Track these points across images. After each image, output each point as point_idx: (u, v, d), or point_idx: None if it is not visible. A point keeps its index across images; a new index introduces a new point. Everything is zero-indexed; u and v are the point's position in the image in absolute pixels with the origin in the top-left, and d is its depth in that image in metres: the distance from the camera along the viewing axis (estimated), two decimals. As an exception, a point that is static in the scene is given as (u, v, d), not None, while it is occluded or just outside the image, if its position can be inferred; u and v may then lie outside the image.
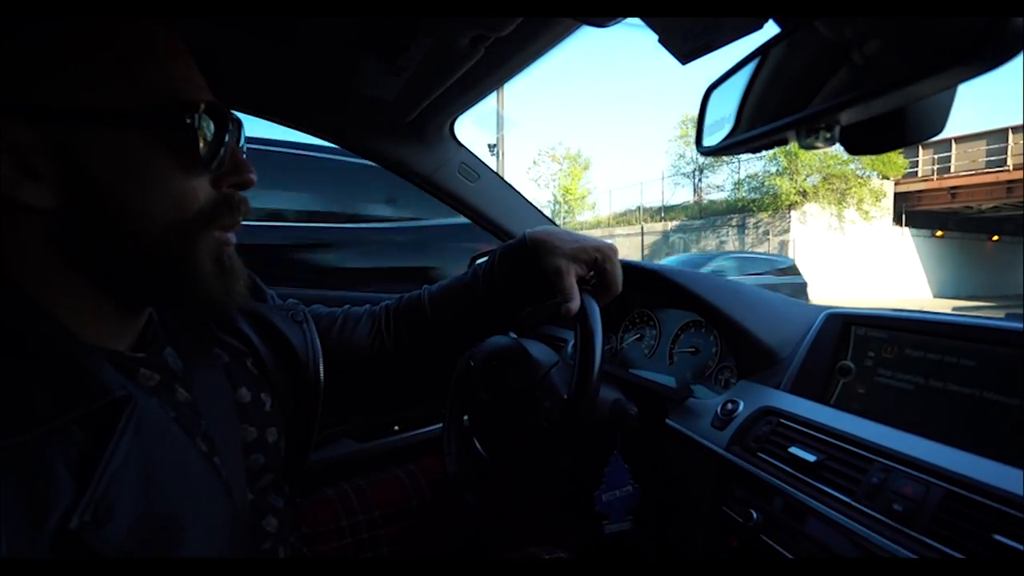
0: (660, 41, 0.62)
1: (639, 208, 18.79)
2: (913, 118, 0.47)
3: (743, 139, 0.57)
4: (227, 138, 0.45)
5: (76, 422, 0.35)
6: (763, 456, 0.64)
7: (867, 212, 14.15)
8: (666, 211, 17.93)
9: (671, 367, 0.95)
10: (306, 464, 0.66)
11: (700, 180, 18.28)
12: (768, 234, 14.10)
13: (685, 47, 0.62)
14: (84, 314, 0.42)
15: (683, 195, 19.28)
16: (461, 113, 0.95)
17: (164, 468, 0.39)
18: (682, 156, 18.62)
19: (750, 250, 13.92)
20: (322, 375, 0.65)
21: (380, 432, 1.19)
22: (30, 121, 0.37)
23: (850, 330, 0.70)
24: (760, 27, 0.57)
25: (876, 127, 0.49)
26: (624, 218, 19.30)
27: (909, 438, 0.55)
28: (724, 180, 17.42)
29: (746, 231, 14.64)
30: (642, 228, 17.18)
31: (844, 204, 14.09)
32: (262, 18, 0.63)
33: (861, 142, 0.51)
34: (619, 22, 0.58)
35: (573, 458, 0.86)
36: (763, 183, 14.64)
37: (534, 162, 22.38)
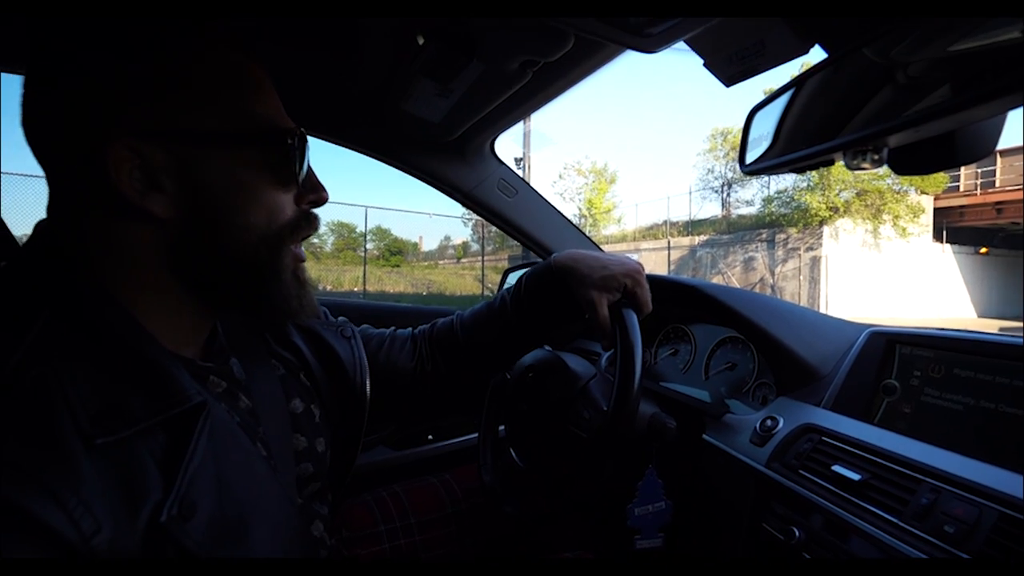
0: (705, 65, 0.64)
1: (666, 222, 18.63)
2: (963, 140, 0.48)
3: (788, 160, 0.57)
4: (306, 159, 0.50)
5: (160, 424, 0.38)
6: (804, 474, 0.64)
7: (904, 229, 13.57)
8: (693, 226, 17.70)
9: (706, 382, 0.95)
10: (350, 473, 0.68)
11: (728, 195, 18.03)
12: (798, 250, 13.77)
13: (730, 70, 0.63)
14: (166, 323, 0.45)
15: (711, 209, 19.00)
16: (503, 132, 0.98)
17: (233, 469, 0.42)
18: (711, 170, 18.42)
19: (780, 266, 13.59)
20: (368, 390, 0.68)
21: (415, 441, 1.21)
22: (164, 143, 0.42)
23: (894, 349, 0.70)
24: (806, 52, 0.58)
25: (924, 149, 0.49)
26: (651, 232, 19.12)
27: (959, 459, 0.54)
28: (753, 195, 17.07)
29: (776, 246, 14.32)
30: (668, 243, 17.00)
31: (879, 220, 13.58)
32: (327, 44, 0.67)
33: (909, 163, 0.51)
34: (667, 47, 0.60)
35: (613, 470, 0.87)
36: (793, 198, 14.32)
37: (560, 176, 22.38)
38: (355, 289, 12.51)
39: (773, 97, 0.62)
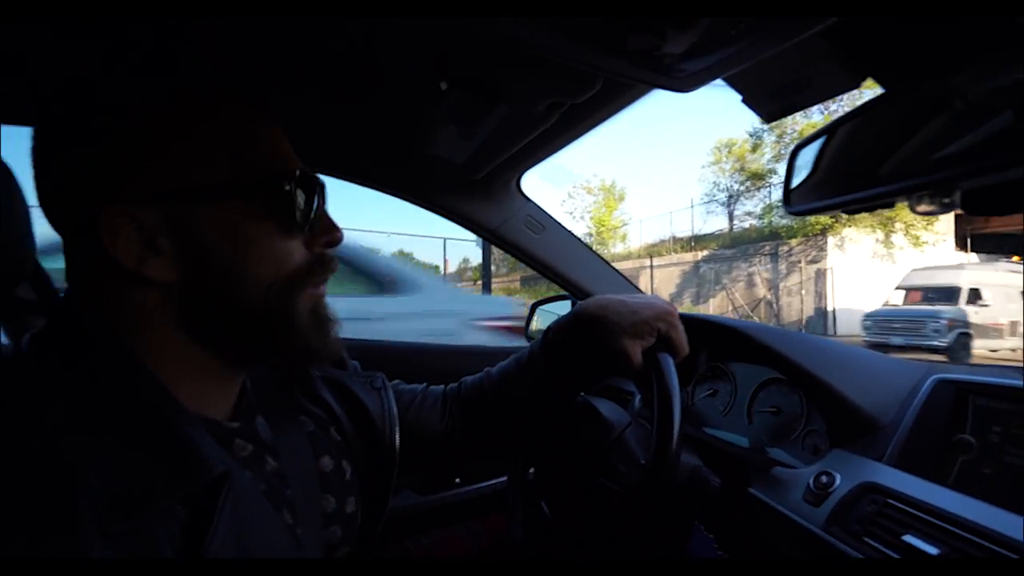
0: (744, 101, 0.61)
1: (671, 238, 18.45)
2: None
3: (841, 202, 0.54)
4: (316, 201, 0.47)
5: (181, 500, 0.36)
6: (870, 542, 0.58)
7: (917, 237, 12.91)
8: (697, 240, 17.43)
9: (750, 427, 0.89)
10: (378, 532, 0.65)
11: (735, 207, 17.76)
12: (799, 263, 13.25)
13: (771, 107, 0.60)
14: (193, 386, 0.44)
15: (719, 223, 18.73)
16: (528, 169, 0.96)
17: (255, 544, 0.40)
18: (716, 184, 18.23)
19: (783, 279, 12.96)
20: (397, 443, 0.65)
21: (441, 485, 1.16)
22: (156, 205, 0.41)
23: (967, 399, 0.64)
24: (856, 87, 0.55)
25: (1002, 189, 0.45)
26: (655, 248, 18.91)
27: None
28: (757, 206, 16.71)
29: (779, 259, 13.83)
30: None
31: (890, 228, 12.94)
32: (352, 88, 0.66)
33: (985, 204, 0.47)
34: (702, 86, 0.57)
35: (650, 528, 0.81)
36: (793, 207, 13.74)
37: (569, 195, 22.52)
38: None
39: (817, 135, 0.58)
